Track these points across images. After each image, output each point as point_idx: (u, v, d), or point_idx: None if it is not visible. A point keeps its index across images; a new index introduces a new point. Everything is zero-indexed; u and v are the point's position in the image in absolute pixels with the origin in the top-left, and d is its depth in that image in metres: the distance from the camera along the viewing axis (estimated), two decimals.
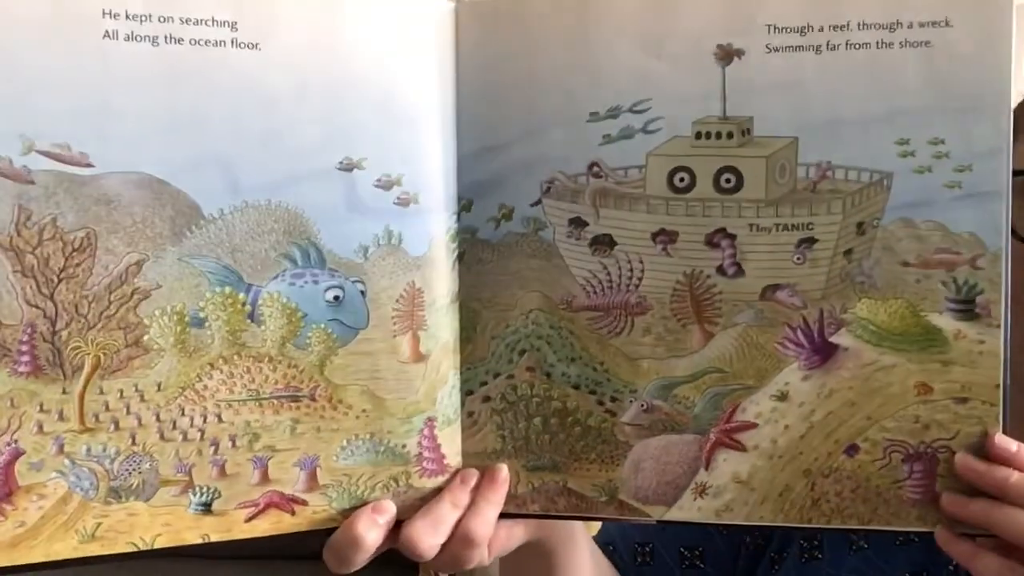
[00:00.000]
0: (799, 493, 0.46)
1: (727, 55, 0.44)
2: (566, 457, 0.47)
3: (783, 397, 0.46)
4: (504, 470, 0.47)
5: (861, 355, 0.45)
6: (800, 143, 0.44)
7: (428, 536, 0.44)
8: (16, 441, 0.40)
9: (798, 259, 0.45)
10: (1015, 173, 0.43)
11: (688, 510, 0.47)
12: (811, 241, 0.45)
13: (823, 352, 0.45)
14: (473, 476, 0.47)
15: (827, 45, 0.44)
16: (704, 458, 0.46)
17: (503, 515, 0.47)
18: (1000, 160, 0.43)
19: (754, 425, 0.46)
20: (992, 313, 0.43)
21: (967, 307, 0.44)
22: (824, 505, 0.46)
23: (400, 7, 0.44)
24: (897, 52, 0.43)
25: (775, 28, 0.44)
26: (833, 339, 0.45)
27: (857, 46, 0.44)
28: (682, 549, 0.61)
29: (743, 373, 0.46)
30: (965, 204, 0.43)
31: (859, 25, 0.43)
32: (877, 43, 0.43)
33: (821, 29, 0.44)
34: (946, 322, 0.44)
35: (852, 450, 0.45)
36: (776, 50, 0.44)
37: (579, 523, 0.54)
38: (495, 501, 0.46)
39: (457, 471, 0.47)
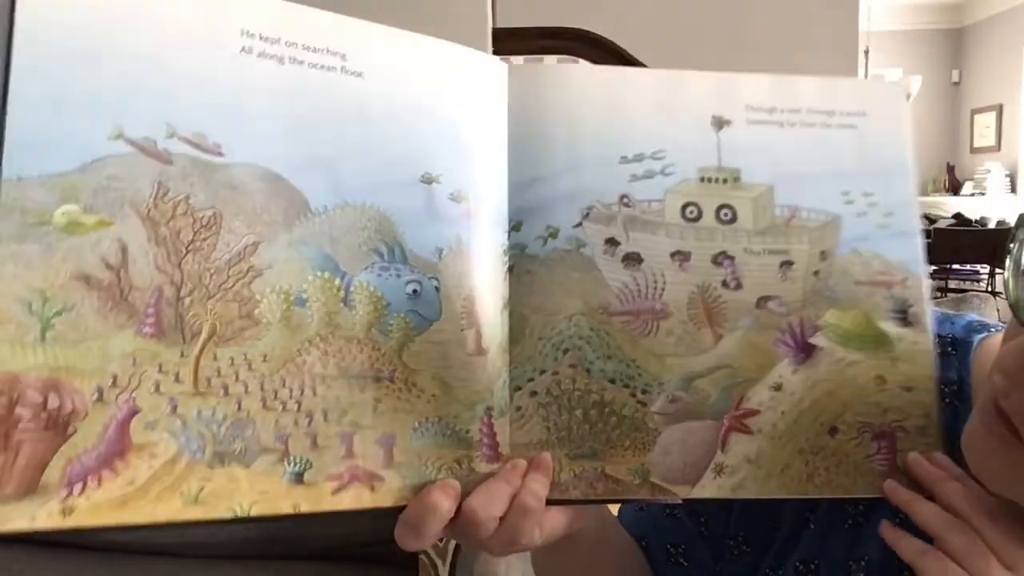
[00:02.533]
0: (796, 469, 0.54)
1: (719, 123, 0.57)
2: (603, 445, 0.53)
3: (779, 388, 0.55)
4: (548, 457, 0.52)
5: (834, 353, 0.56)
6: (775, 190, 0.57)
7: (487, 508, 0.48)
8: (134, 399, 0.42)
9: (781, 277, 0.56)
10: None
11: (709, 488, 0.54)
12: (790, 263, 0.56)
13: (806, 351, 0.56)
14: (522, 463, 0.51)
15: (788, 122, 0.58)
16: (720, 441, 0.54)
17: (548, 501, 0.52)
18: (912, 209, 0.58)
19: (757, 412, 0.55)
20: (921, 321, 0.56)
21: (903, 316, 0.56)
22: (817, 479, 0.54)
23: (467, 61, 0.54)
24: (835, 131, 0.58)
25: (751, 107, 0.58)
26: (812, 340, 0.56)
27: (808, 124, 0.58)
28: (668, 547, 0.66)
29: (747, 368, 0.55)
30: (893, 240, 0.57)
31: (807, 110, 0.58)
32: (821, 123, 0.58)
33: (783, 111, 0.58)
34: (891, 328, 0.56)
35: (833, 431, 0.55)
36: (753, 123, 0.57)
37: (612, 525, 0.58)
38: (543, 481, 0.51)
39: (507, 459, 0.52)
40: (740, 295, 0.55)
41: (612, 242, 0.55)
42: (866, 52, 5.60)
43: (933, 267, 5.29)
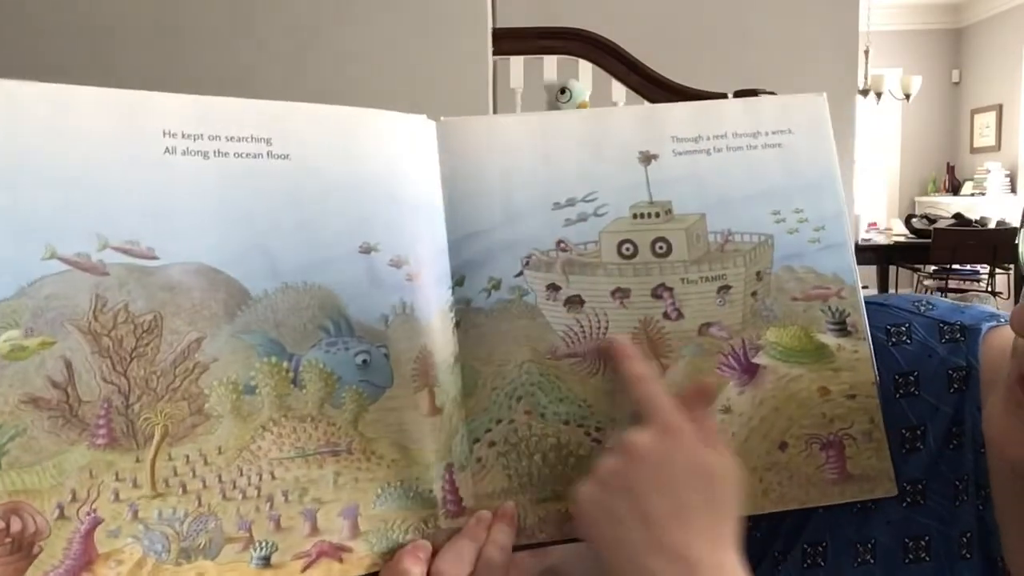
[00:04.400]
0: (751, 486, 0.56)
1: (647, 158, 0.58)
2: (565, 486, 0.55)
3: (727, 410, 0.56)
4: (511, 507, 0.54)
5: (777, 371, 0.57)
6: (707, 217, 0.58)
7: (454, 567, 0.50)
8: (95, 510, 0.43)
9: (720, 302, 0.58)
10: None
11: None
12: (727, 288, 0.58)
13: (749, 371, 0.57)
14: (487, 515, 0.53)
15: (714, 148, 0.59)
16: None
17: (517, 547, 0.53)
18: (842, 220, 0.59)
19: None
20: (859, 329, 0.58)
21: (841, 326, 0.58)
22: (772, 494, 0.56)
23: (393, 127, 0.55)
24: (760, 151, 0.59)
25: (676, 138, 0.59)
26: (754, 360, 0.57)
27: (734, 148, 0.59)
28: None
29: None
30: (825, 253, 0.58)
31: (732, 135, 0.59)
32: (747, 146, 0.59)
33: (708, 138, 0.59)
34: (829, 339, 0.57)
35: (783, 446, 0.56)
36: (680, 153, 0.58)
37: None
38: (507, 532, 0.53)
39: (472, 512, 0.53)
40: (682, 324, 0.57)
41: (553, 287, 0.56)
42: (866, 52, 5.57)
43: (933, 267, 5.33)
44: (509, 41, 2.16)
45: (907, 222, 5.71)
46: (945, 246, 4.83)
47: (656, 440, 0.50)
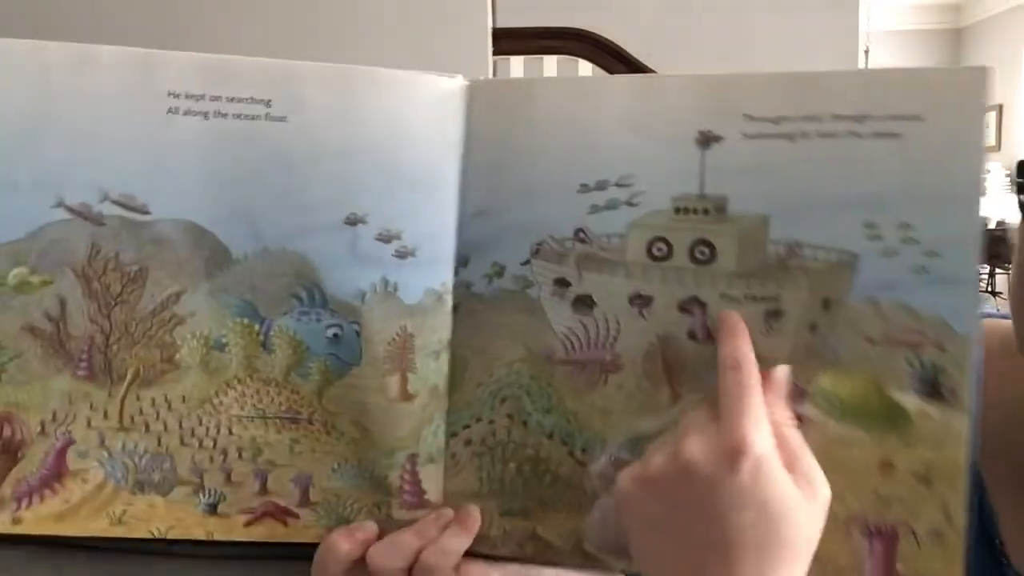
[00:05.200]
0: None
1: (706, 140, 0.47)
2: (536, 504, 0.49)
3: None
4: (475, 512, 0.50)
5: (826, 427, 0.44)
6: (771, 221, 0.45)
7: (387, 558, 0.48)
8: (70, 432, 0.49)
9: (765, 330, 0.45)
10: None
11: None
12: (778, 314, 0.45)
13: None
14: (447, 514, 0.50)
15: (800, 134, 0.45)
16: None
17: (477, 555, 0.50)
18: (969, 248, 0.42)
19: None
20: (958, 395, 0.42)
21: (932, 388, 0.42)
22: None
23: (413, 89, 0.51)
24: (868, 141, 0.44)
25: (751, 117, 0.46)
26: (798, 409, 0.44)
27: (828, 135, 0.45)
28: None
29: None
30: (933, 288, 0.42)
31: (831, 117, 0.45)
32: (848, 132, 0.44)
33: (795, 119, 0.45)
34: (911, 401, 0.42)
35: None
36: (752, 137, 0.46)
37: None
38: (462, 538, 0.49)
39: (435, 507, 0.50)
40: (709, 350, 0.46)
41: (562, 283, 0.49)
42: (866, 52, 5.54)
43: None
44: (509, 41, 2.15)
45: None
46: None
47: (721, 458, 0.41)
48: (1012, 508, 0.55)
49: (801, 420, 0.44)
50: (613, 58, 2.23)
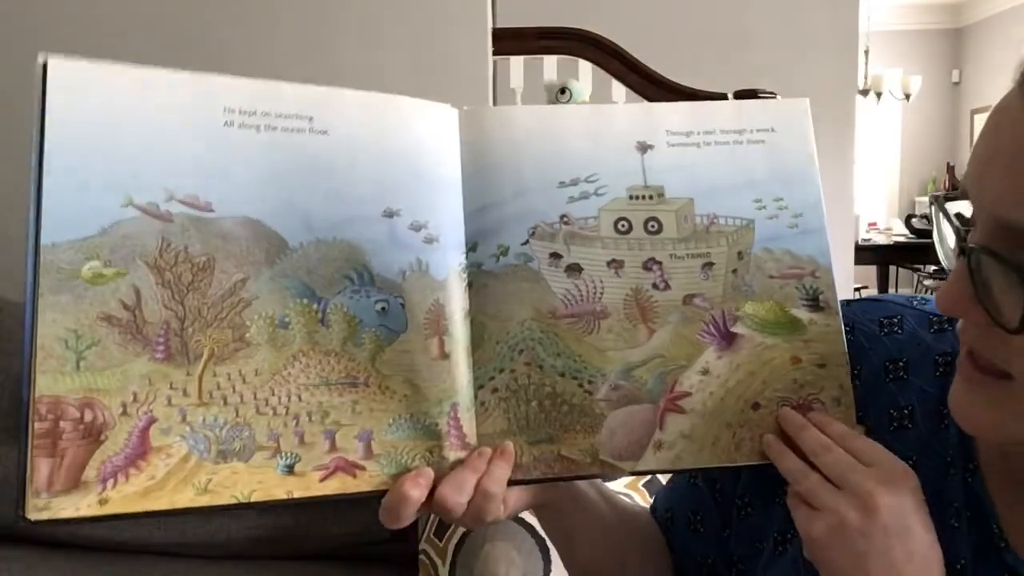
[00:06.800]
0: (725, 441, 0.62)
1: (643, 147, 0.65)
2: (558, 430, 0.62)
3: (706, 372, 0.62)
4: (510, 446, 0.61)
5: (753, 339, 0.63)
6: (694, 202, 0.65)
7: (455, 495, 0.57)
8: (151, 411, 0.53)
9: (703, 276, 0.64)
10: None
11: (651, 462, 0.62)
12: (710, 264, 0.64)
13: (728, 339, 0.63)
14: (488, 451, 0.60)
15: (703, 142, 0.66)
16: (658, 421, 0.62)
17: (512, 482, 0.60)
18: (819, 209, 0.65)
19: (689, 394, 0.62)
20: (831, 305, 0.63)
21: (814, 302, 0.63)
22: (744, 447, 0.62)
23: (421, 111, 0.63)
24: (746, 147, 0.66)
25: (670, 132, 0.66)
26: (733, 329, 0.63)
27: (721, 143, 0.66)
28: (689, 514, 0.74)
29: (678, 357, 0.63)
30: (802, 237, 0.64)
31: (720, 131, 0.66)
32: (733, 141, 0.66)
33: (699, 133, 0.66)
34: (803, 314, 0.63)
35: (756, 406, 0.62)
36: (673, 145, 0.65)
37: (593, 493, 0.67)
38: (505, 468, 0.60)
39: (475, 448, 0.61)
40: (668, 295, 0.63)
41: (555, 256, 0.64)
42: (866, 52, 5.63)
43: (933, 267, 5.27)
44: (509, 41, 2.14)
45: (907, 222, 5.65)
46: None
47: (890, 489, 0.53)
48: (1004, 495, 0.57)
49: (737, 336, 0.63)
50: (613, 58, 2.18)
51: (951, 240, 0.51)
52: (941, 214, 0.51)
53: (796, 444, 0.59)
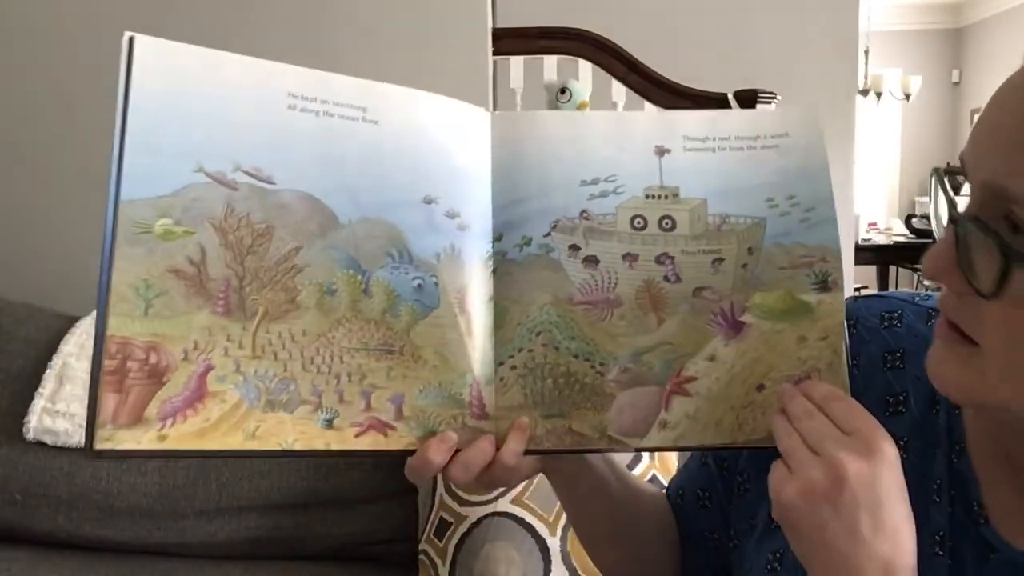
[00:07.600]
0: (728, 422, 0.67)
1: (661, 151, 0.72)
2: (570, 407, 0.67)
3: (712, 359, 0.69)
4: (525, 421, 0.66)
5: (760, 327, 0.69)
6: (708, 202, 0.71)
7: (475, 459, 0.63)
8: (210, 359, 0.57)
9: (713, 271, 0.70)
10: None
11: (655, 439, 0.67)
12: (720, 260, 0.70)
13: (735, 327, 0.69)
14: (505, 425, 0.66)
15: (719, 147, 0.72)
16: (664, 402, 0.68)
17: (526, 452, 0.66)
18: (831, 203, 0.71)
19: (695, 378, 0.68)
20: (839, 284, 0.69)
21: (824, 284, 0.69)
22: (746, 427, 0.67)
23: (459, 111, 0.69)
24: (759, 152, 0.72)
25: (687, 137, 0.72)
26: (740, 319, 0.69)
27: (735, 149, 0.73)
28: (698, 491, 0.79)
29: (685, 344, 0.69)
30: (813, 229, 0.71)
31: (735, 138, 0.73)
32: (747, 147, 0.73)
33: (714, 139, 0.72)
34: (812, 297, 0.69)
35: (760, 388, 0.68)
36: (689, 150, 0.72)
37: (604, 466, 0.73)
38: (520, 440, 0.65)
39: (492, 419, 0.66)
40: (679, 287, 0.70)
41: (575, 248, 0.70)
42: (866, 52, 5.64)
43: None
44: (509, 41, 2.14)
45: (907, 222, 5.65)
46: None
47: (863, 460, 0.54)
48: (988, 474, 0.60)
49: (744, 325, 0.69)
50: (613, 58, 2.18)
51: (945, 213, 0.55)
52: (939, 187, 0.54)
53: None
